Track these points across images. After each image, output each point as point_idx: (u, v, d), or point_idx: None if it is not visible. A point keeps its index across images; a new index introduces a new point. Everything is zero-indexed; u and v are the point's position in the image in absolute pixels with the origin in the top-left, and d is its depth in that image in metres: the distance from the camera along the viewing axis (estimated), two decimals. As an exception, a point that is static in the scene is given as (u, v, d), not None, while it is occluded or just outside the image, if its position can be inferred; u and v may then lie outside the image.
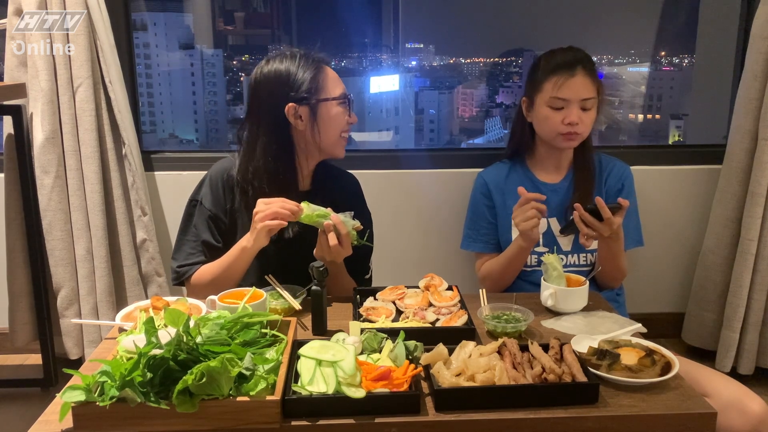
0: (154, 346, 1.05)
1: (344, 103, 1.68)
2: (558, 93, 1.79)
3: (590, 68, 1.81)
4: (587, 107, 1.81)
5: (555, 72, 1.80)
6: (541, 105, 1.84)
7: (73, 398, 1.01)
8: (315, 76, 1.62)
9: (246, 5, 3.30)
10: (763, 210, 2.26)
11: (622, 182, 1.92)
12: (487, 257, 1.96)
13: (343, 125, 1.68)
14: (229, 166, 1.70)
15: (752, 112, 2.26)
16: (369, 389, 1.07)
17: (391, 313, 1.45)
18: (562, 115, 1.80)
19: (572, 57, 1.81)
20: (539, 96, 1.84)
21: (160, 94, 3.22)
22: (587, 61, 1.82)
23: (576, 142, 1.84)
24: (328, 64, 1.68)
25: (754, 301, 2.33)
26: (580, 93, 1.78)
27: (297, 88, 1.61)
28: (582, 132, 1.82)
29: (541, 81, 1.83)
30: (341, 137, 1.69)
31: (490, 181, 1.98)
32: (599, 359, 1.19)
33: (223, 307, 1.35)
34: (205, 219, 1.66)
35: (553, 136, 1.84)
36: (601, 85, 1.85)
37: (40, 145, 2.20)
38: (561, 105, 1.80)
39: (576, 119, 1.79)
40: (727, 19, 2.62)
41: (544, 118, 1.84)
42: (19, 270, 2.30)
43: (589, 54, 1.85)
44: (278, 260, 1.64)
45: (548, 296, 1.50)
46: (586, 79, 1.79)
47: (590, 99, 1.80)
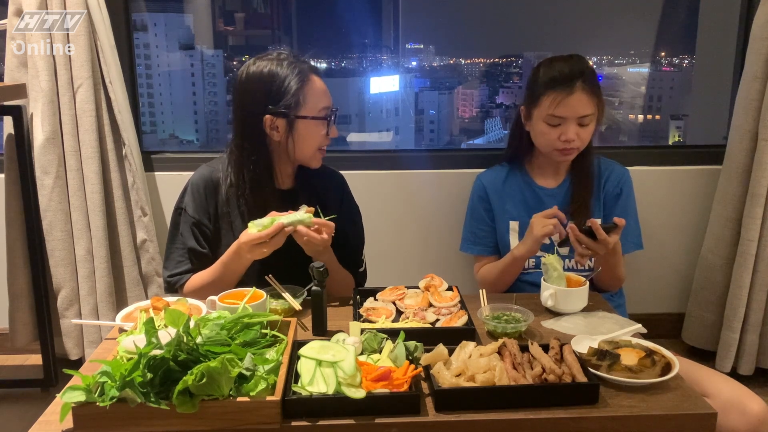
0: (155, 346, 1.05)
1: (325, 119, 1.63)
2: (555, 111, 1.75)
3: (590, 81, 1.76)
4: (585, 123, 1.77)
5: (553, 87, 1.75)
6: (538, 120, 1.81)
7: (74, 399, 1.01)
8: (298, 90, 1.58)
9: (246, 6, 3.30)
10: (763, 210, 2.26)
11: (620, 186, 1.90)
12: (485, 260, 1.96)
13: (319, 142, 1.65)
14: (209, 171, 1.70)
15: (752, 113, 2.26)
16: (369, 389, 1.07)
17: (391, 313, 1.45)
18: (559, 132, 1.77)
19: (571, 70, 1.75)
20: (536, 110, 1.80)
21: (160, 95, 3.22)
22: (587, 73, 1.77)
23: (573, 155, 1.82)
24: (317, 73, 1.63)
25: (754, 302, 2.33)
26: (577, 111, 1.75)
27: (277, 100, 1.58)
28: (579, 146, 1.80)
29: (539, 95, 1.78)
30: (318, 151, 1.66)
31: (488, 184, 1.97)
32: (599, 360, 1.19)
33: (223, 307, 1.35)
34: (189, 226, 1.66)
35: (549, 150, 1.82)
36: (600, 98, 1.80)
37: (40, 146, 2.20)
38: (558, 122, 1.77)
39: (573, 136, 1.76)
40: (727, 19, 2.62)
41: (541, 133, 1.81)
42: (20, 270, 2.30)
43: (589, 64, 1.81)
44: (278, 260, 1.64)
45: (548, 297, 1.50)
46: (585, 95, 1.75)
47: (588, 115, 1.76)
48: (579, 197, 1.85)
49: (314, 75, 1.62)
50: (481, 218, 1.96)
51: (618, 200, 1.89)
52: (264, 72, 1.58)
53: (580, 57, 1.83)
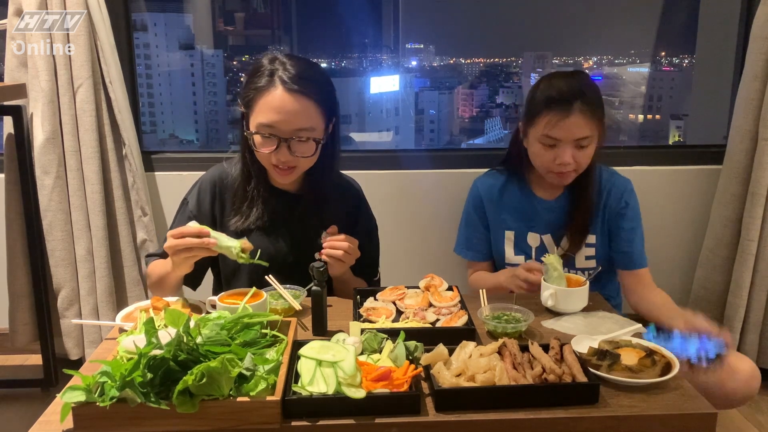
0: (155, 346, 1.05)
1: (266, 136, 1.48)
2: (550, 132, 1.68)
3: (590, 102, 1.67)
4: (583, 145, 1.69)
5: (550, 107, 1.67)
6: (533, 139, 1.74)
7: (74, 399, 1.01)
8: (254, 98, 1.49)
9: (246, 6, 3.31)
10: (763, 210, 2.26)
11: (624, 201, 1.83)
12: (478, 266, 1.96)
13: (265, 158, 1.53)
14: (219, 171, 1.68)
15: (752, 112, 2.26)
16: (369, 389, 1.07)
17: (391, 313, 1.45)
18: (554, 154, 1.70)
19: (570, 89, 1.67)
20: (532, 129, 1.73)
21: (160, 95, 3.22)
22: (588, 92, 1.68)
23: (570, 179, 1.75)
24: (288, 87, 1.46)
25: (754, 302, 2.33)
26: (573, 133, 1.67)
27: (243, 100, 1.53)
28: (576, 169, 1.72)
29: (536, 114, 1.71)
30: (273, 167, 1.54)
31: (484, 193, 1.92)
32: (599, 359, 1.19)
33: (224, 307, 1.35)
34: (185, 218, 1.64)
35: (544, 172, 1.76)
36: (601, 119, 1.71)
37: (40, 146, 2.20)
38: (553, 143, 1.69)
39: (569, 159, 1.68)
40: (727, 19, 2.62)
41: (536, 154, 1.75)
42: (20, 270, 2.30)
43: (591, 82, 1.72)
44: (272, 259, 1.64)
45: (548, 296, 1.50)
46: (583, 117, 1.66)
47: (586, 137, 1.68)
48: (578, 216, 1.80)
49: (282, 87, 1.47)
50: (476, 226, 1.94)
51: (624, 214, 1.83)
52: (253, 65, 1.56)
53: (582, 74, 1.77)
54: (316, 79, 1.53)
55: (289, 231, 1.65)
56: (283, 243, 1.65)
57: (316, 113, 1.50)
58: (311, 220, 1.63)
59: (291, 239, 1.66)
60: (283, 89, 1.46)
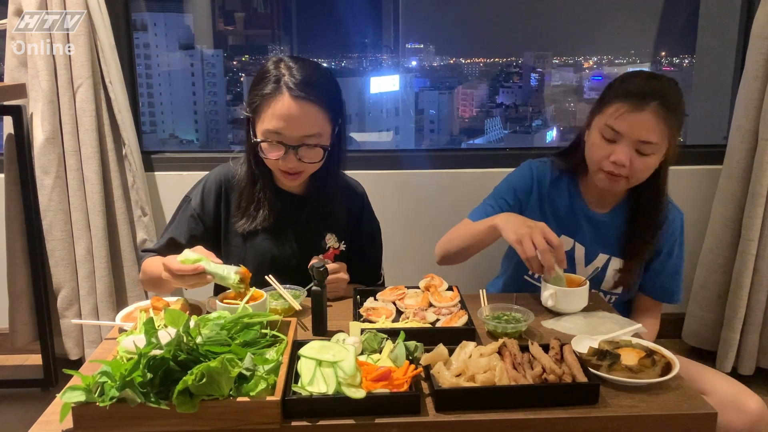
0: (154, 346, 1.05)
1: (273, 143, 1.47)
2: (614, 123, 1.49)
3: (668, 106, 1.48)
4: (645, 152, 1.50)
5: (624, 98, 1.50)
6: (595, 128, 1.56)
7: (74, 399, 1.00)
8: (261, 104, 1.47)
9: (246, 5, 3.31)
10: (763, 210, 2.26)
11: (675, 236, 1.68)
12: None
13: (272, 164, 1.53)
14: (225, 171, 1.66)
15: (752, 112, 2.26)
16: (369, 389, 1.07)
17: (391, 313, 1.45)
18: (611, 150, 1.51)
19: (652, 88, 1.49)
20: (598, 117, 1.55)
21: (160, 95, 3.23)
22: (670, 97, 1.50)
23: (620, 186, 1.56)
24: (294, 94, 1.45)
25: (754, 301, 2.33)
26: (639, 132, 1.48)
27: (249, 106, 1.51)
28: (631, 177, 1.53)
29: (607, 102, 1.53)
30: (280, 172, 1.54)
31: (538, 177, 1.71)
32: (599, 359, 1.19)
33: (223, 307, 1.35)
34: (187, 217, 1.63)
35: (595, 169, 1.57)
36: (674, 130, 1.52)
37: (40, 146, 2.20)
38: (613, 137, 1.51)
39: (625, 159, 1.49)
40: (727, 19, 2.62)
41: (593, 145, 1.56)
42: (20, 270, 2.30)
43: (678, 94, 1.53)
44: (277, 261, 1.65)
45: (548, 296, 1.50)
46: (654, 118, 1.47)
47: (651, 144, 1.49)
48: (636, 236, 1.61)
49: (288, 94, 1.45)
50: (507, 202, 1.72)
51: (673, 251, 1.68)
52: (259, 70, 1.54)
53: (670, 80, 1.56)
54: (323, 84, 1.51)
55: (294, 232, 1.65)
56: (288, 244, 1.65)
57: (323, 119, 1.50)
58: (316, 222, 1.63)
59: (296, 241, 1.65)
60: (290, 96, 1.45)
